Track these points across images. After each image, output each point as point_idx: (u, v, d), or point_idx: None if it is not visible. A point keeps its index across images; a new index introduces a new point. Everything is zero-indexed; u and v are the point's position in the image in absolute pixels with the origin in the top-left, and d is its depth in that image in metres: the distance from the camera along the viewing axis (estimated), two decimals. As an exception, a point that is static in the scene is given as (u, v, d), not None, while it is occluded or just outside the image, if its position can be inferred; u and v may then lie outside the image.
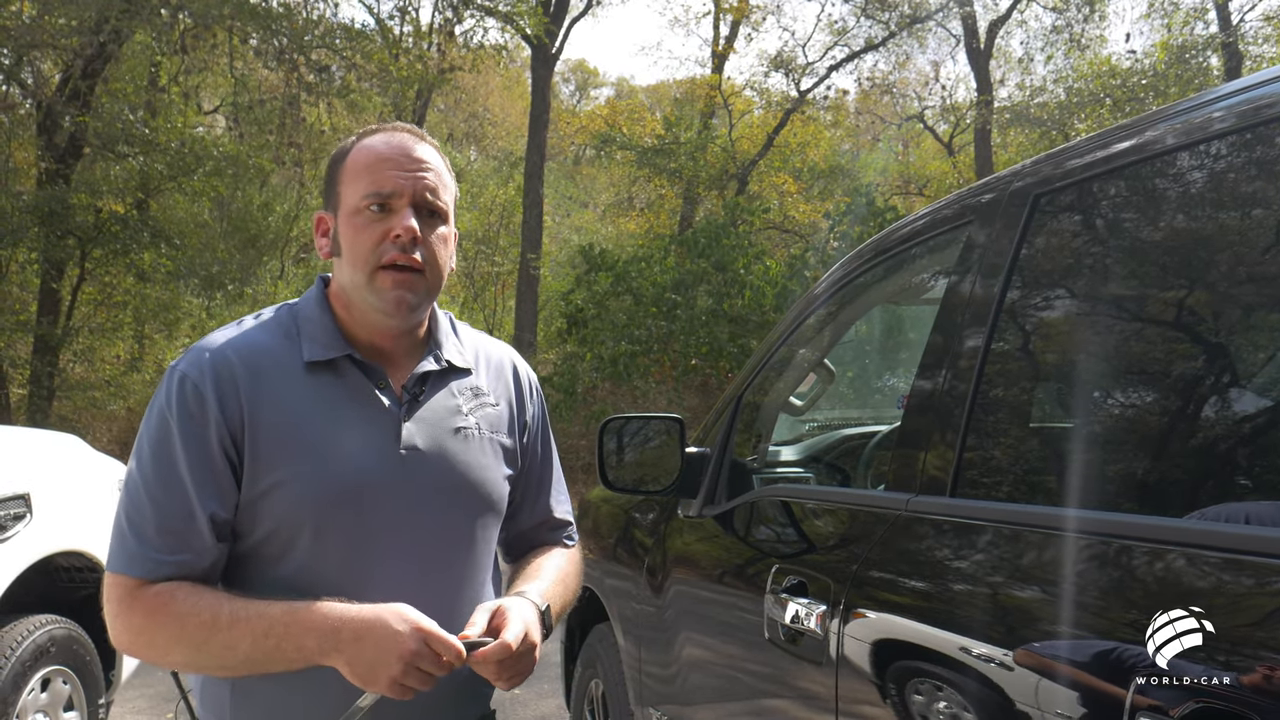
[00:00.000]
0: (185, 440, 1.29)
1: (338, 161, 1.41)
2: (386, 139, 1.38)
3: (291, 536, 1.32)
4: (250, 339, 1.37)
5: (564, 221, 26.29)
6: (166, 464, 1.29)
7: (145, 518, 1.29)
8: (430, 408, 1.41)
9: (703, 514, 2.40)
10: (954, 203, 1.84)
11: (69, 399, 14.11)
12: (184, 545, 1.29)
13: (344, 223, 1.36)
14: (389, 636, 1.21)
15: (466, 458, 1.42)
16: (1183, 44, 17.07)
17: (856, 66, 21.93)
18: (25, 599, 3.15)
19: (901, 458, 1.68)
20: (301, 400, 1.33)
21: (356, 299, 1.37)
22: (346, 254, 1.36)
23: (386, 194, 1.34)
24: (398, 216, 1.34)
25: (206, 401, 1.29)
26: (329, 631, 1.23)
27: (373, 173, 1.35)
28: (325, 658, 1.23)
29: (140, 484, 1.30)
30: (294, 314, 1.41)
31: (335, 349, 1.37)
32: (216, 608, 1.25)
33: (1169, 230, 1.35)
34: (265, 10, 12.19)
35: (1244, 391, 1.20)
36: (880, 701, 1.48)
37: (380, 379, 1.39)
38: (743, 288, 12.82)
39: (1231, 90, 1.28)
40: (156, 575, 1.28)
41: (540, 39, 16.28)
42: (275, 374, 1.34)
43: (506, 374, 1.56)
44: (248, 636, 1.23)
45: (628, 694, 2.72)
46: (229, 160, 13.63)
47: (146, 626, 1.28)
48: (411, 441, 1.37)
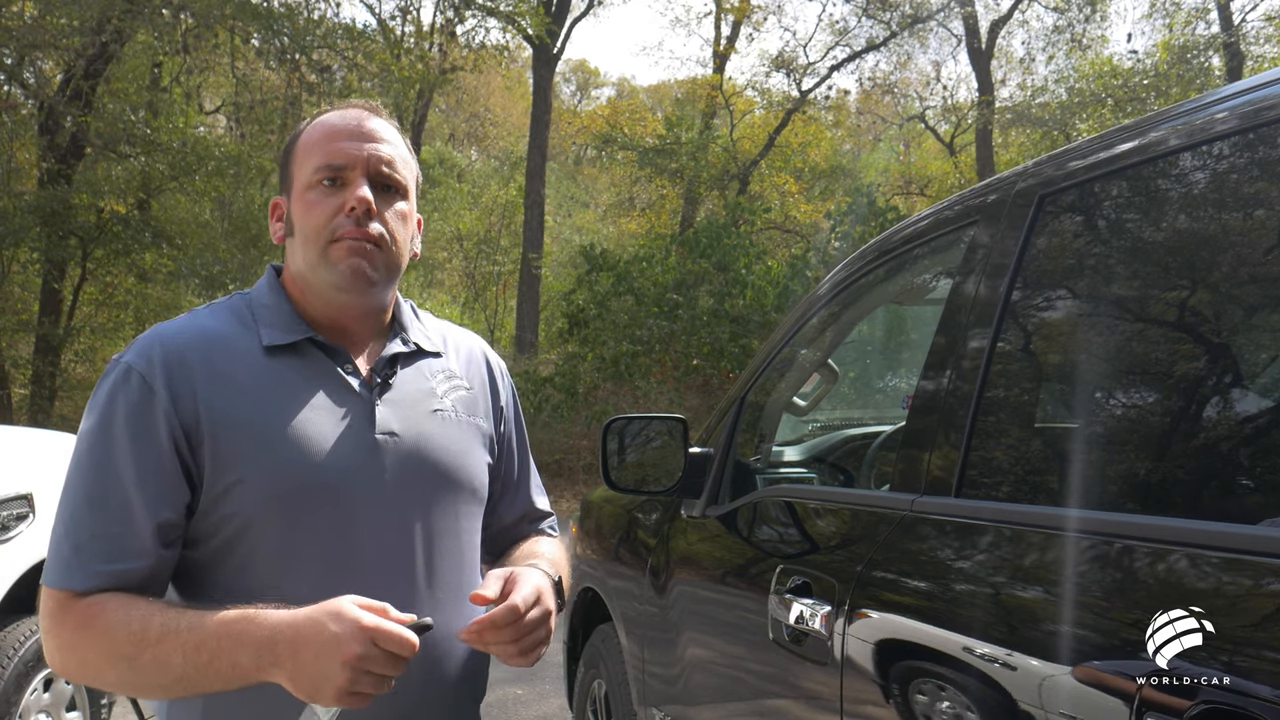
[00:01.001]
0: (129, 437, 1.17)
1: (291, 144, 1.34)
2: (340, 114, 1.32)
3: (261, 536, 1.20)
4: (202, 327, 1.27)
5: (565, 222, 26.31)
6: (105, 464, 1.18)
7: (80, 524, 1.17)
8: (403, 390, 1.33)
9: (706, 514, 2.40)
10: (957, 203, 1.84)
11: (71, 399, 14.13)
12: (121, 553, 1.16)
13: (296, 201, 1.29)
14: (328, 642, 1.05)
15: (445, 441, 1.34)
16: (1184, 44, 17.07)
17: (858, 66, 21.99)
18: (28, 599, 3.15)
19: (906, 458, 1.68)
20: (263, 388, 1.23)
21: (313, 279, 1.28)
22: (299, 232, 1.28)
23: (339, 166, 1.26)
24: (351, 189, 1.26)
25: (155, 394, 1.18)
26: (263, 644, 1.08)
27: (324, 146, 1.28)
28: (263, 674, 1.09)
29: (76, 488, 1.19)
30: (248, 301, 1.32)
31: (296, 332, 1.28)
32: (147, 619, 1.12)
33: (1174, 231, 1.34)
34: (267, 10, 12.21)
35: (1250, 392, 1.20)
36: (885, 702, 1.47)
37: (346, 362, 1.30)
38: (744, 288, 12.83)
39: (1237, 90, 1.28)
40: (89, 586, 1.15)
41: (541, 39, 16.30)
42: (232, 362, 1.24)
43: (478, 360, 1.49)
44: (179, 651, 1.09)
45: (631, 694, 2.72)
46: (230, 160, 13.66)
47: (77, 642, 1.15)
48: (388, 425, 1.28)
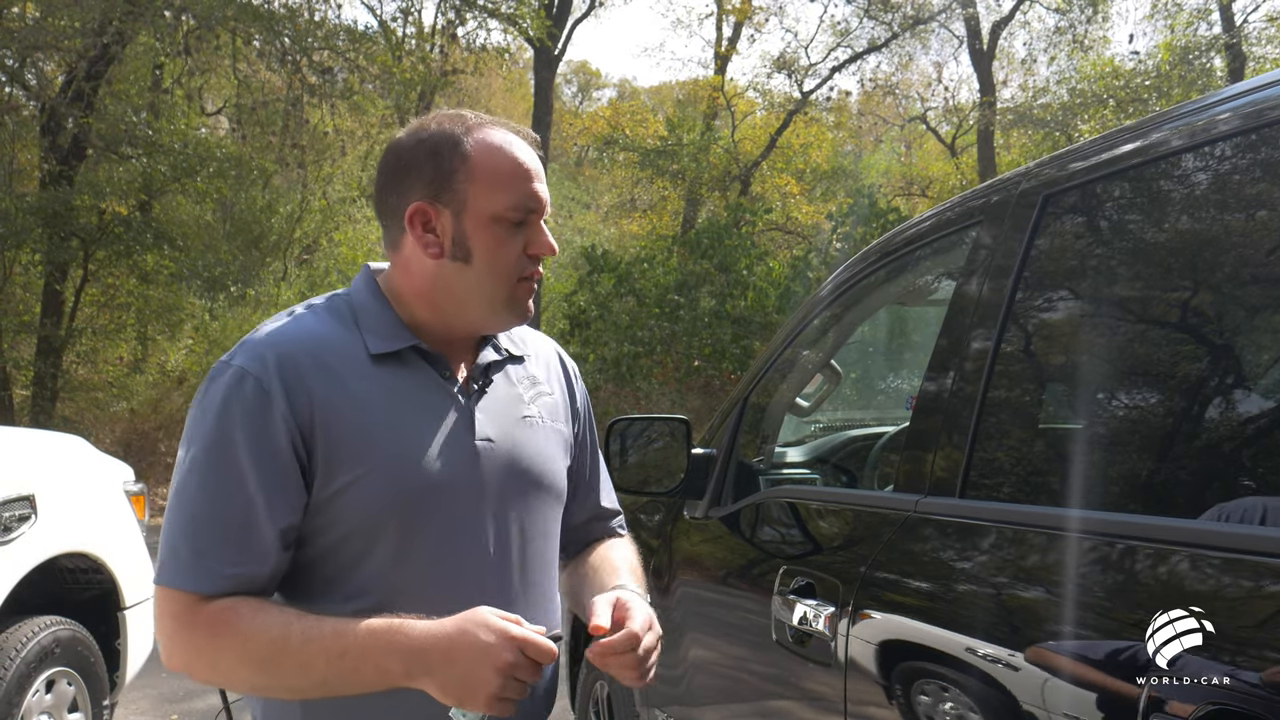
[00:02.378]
0: (250, 441, 1.20)
1: (453, 154, 1.30)
2: (519, 145, 1.33)
3: (372, 537, 1.25)
4: (310, 330, 1.29)
5: (567, 223, 26.31)
6: (227, 468, 1.20)
7: (202, 527, 1.20)
8: (496, 397, 1.37)
9: (709, 515, 2.40)
10: (960, 204, 1.84)
11: (72, 400, 14.13)
12: (246, 555, 1.20)
13: (481, 228, 1.29)
14: (481, 651, 1.13)
15: (535, 446, 1.39)
16: (1186, 45, 17.07)
17: (859, 68, 21.98)
18: (30, 600, 3.15)
19: (910, 459, 1.68)
20: (372, 393, 1.27)
21: (481, 308, 1.32)
22: (487, 264, 1.30)
23: (534, 210, 1.31)
24: (538, 232, 1.32)
25: (273, 398, 1.21)
26: (415, 653, 1.15)
27: (521, 185, 1.30)
28: (412, 680, 1.16)
29: (195, 490, 1.21)
30: (349, 303, 1.34)
31: (400, 339, 1.31)
32: (286, 626, 1.17)
33: (1177, 232, 1.34)
34: (268, 12, 12.22)
35: (1253, 393, 1.20)
36: (888, 703, 1.47)
37: (445, 369, 1.34)
38: (746, 289, 12.84)
39: (1239, 91, 1.28)
40: (217, 589, 1.19)
41: (543, 41, 16.30)
42: (341, 367, 1.27)
43: (555, 364, 1.53)
44: (322, 657, 1.15)
45: (633, 695, 2.72)
46: (232, 162, 13.66)
47: (208, 647, 1.19)
48: (485, 432, 1.33)
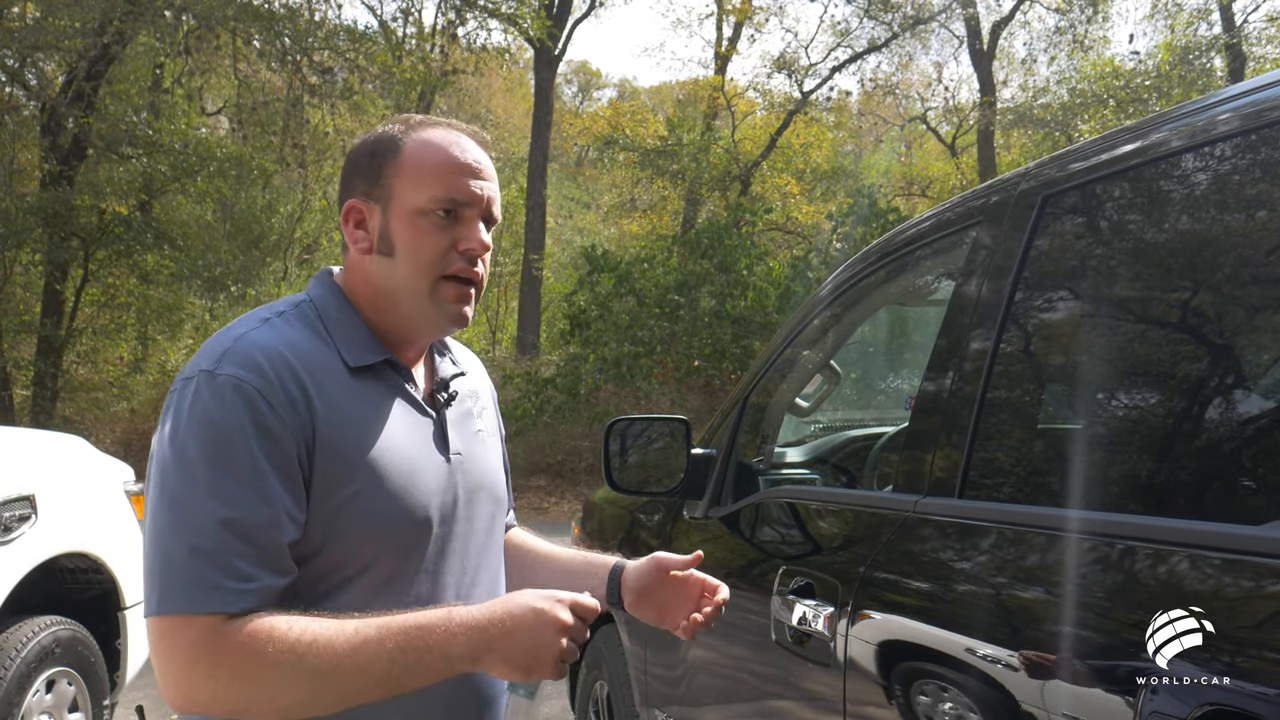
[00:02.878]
0: (255, 452, 1.14)
1: (387, 151, 1.29)
2: (455, 140, 1.29)
3: (376, 553, 1.21)
4: (291, 339, 1.23)
5: (567, 223, 26.33)
6: (236, 478, 1.13)
7: (213, 543, 1.11)
8: (457, 411, 1.38)
9: (709, 515, 2.40)
10: (960, 205, 1.84)
11: (72, 400, 14.15)
12: (264, 569, 1.13)
13: (403, 222, 1.26)
14: (538, 617, 1.16)
15: (489, 460, 1.42)
16: (1186, 45, 17.07)
17: (859, 68, 21.99)
18: (30, 600, 3.15)
19: (909, 459, 1.68)
20: (357, 407, 1.24)
21: (408, 304, 1.28)
22: (407, 257, 1.26)
23: (461, 202, 1.26)
24: (468, 228, 1.27)
25: (277, 409, 1.16)
26: (476, 632, 1.14)
27: (447, 177, 1.26)
28: (477, 662, 1.15)
29: (199, 506, 1.13)
30: (316, 311, 1.29)
31: (376, 353, 1.28)
32: (333, 630, 1.11)
33: (1177, 232, 1.34)
34: (268, 12, 12.22)
35: (1252, 393, 1.20)
36: (888, 704, 1.48)
37: (411, 381, 1.32)
38: (746, 289, 12.84)
39: (1239, 92, 1.28)
40: (242, 607, 1.10)
41: (543, 41, 16.31)
42: (326, 378, 1.23)
43: (483, 376, 1.54)
44: (381, 657, 1.11)
45: (633, 695, 2.72)
46: (232, 161, 13.67)
47: (244, 668, 1.10)
48: (457, 446, 1.34)
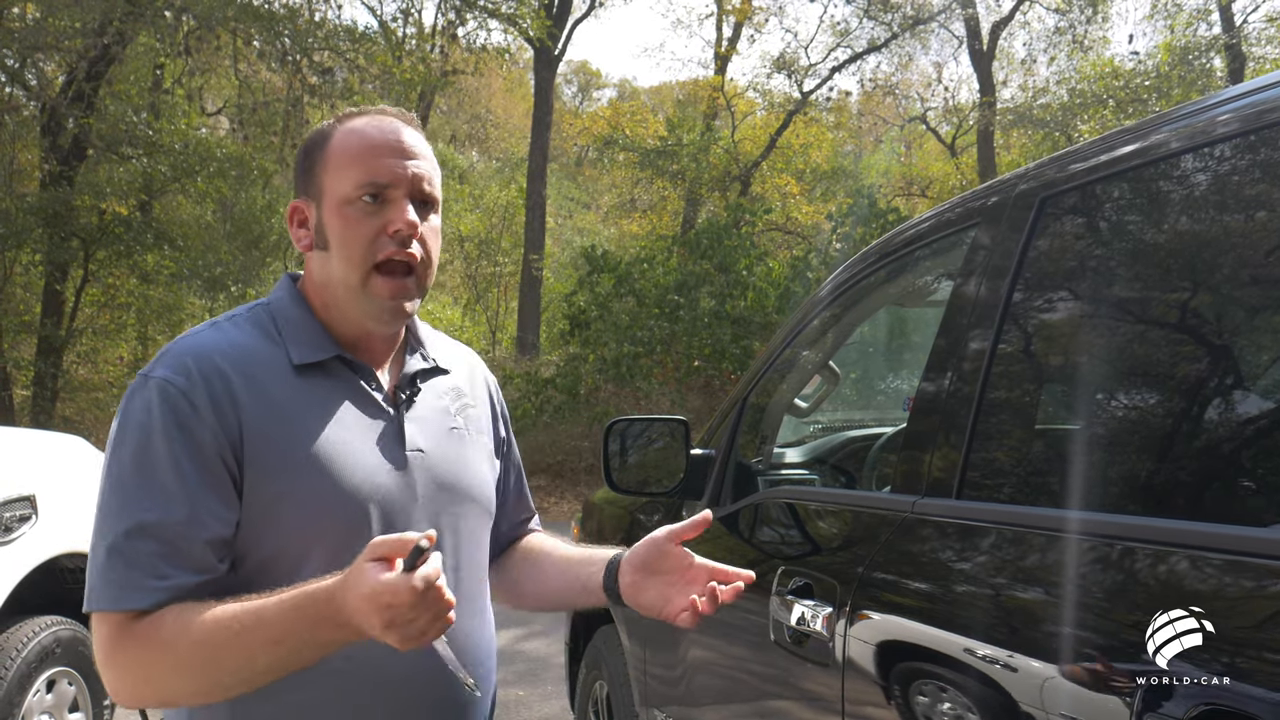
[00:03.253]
0: (177, 453, 1.16)
1: (317, 146, 1.29)
2: (375, 124, 1.28)
3: (304, 552, 1.20)
4: (232, 340, 1.25)
5: (566, 223, 26.33)
6: (156, 480, 1.15)
7: (134, 542, 1.14)
8: (425, 407, 1.34)
9: (707, 516, 2.40)
10: (959, 205, 1.85)
11: (72, 400, 14.16)
12: (179, 567, 1.14)
13: (333, 214, 1.25)
14: (353, 578, 1.05)
15: (463, 459, 1.36)
16: (1186, 45, 17.07)
17: (859, 68, 21.99)
18: (31, 600, 3.16)
19: (907, 460, 1.69)
20: (297, 405, 1.23)
21: (345, 299, 1.27)
22: (337, 248, 1.25)
23: (383, 184, 1.24)
24: (395, 208, 1.24)
25: (198, 407, 1.17)
26: (326, 589, 1.08)
27: (366, 161, 1.24)
28: (339, 625, 1.07)
29: (124, 506, 1.15)
30: (271, 314, 1.30)
31: (325, 349, 1.27)
32: (215, 620, 1.11)
33: (1175, 233, 1.35)
34: (269, 12, 12.22)
35: (1250, 394, 1.20)
36: (886, 704, 1.48)
37: (370, 378, 1.30)
38: (745, 289, 12.84)
39: (1238, 93, 1.28)
40: (150, 603, 1.13)
41: (543, 41, 16.32)
42: (266, 378, 1.23)
43: (476, 375, 1.50)
44: (261, 648, 1.09)
45: (633, 695, 2.72)
46: (232, 162, 13.67)
47: (141, 660, 1.13)
48: (416, 443, 1.30)
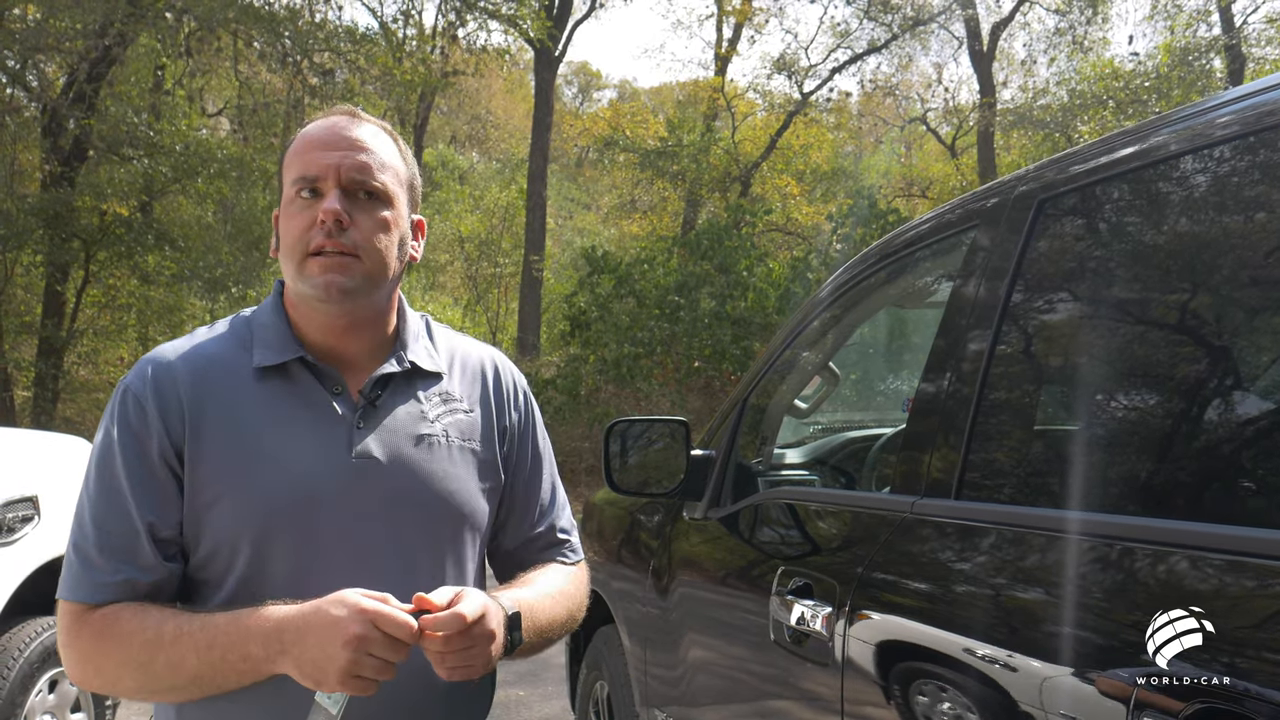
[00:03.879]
0: (125, 454, 1.23)
1: (282, 155, 1.34)
2: (321, 123, 1.31)
3: (233, 552, 1.24)
4: (198, 348, 1.30)
5: (566, 224, 26.34)
6: (108, 480, 1.23)
7: (88, 539, 1.22)
8: (390, 413, 1.31)
9: (708, 516, 2.41)
10: (958, 207, 1.85)
11: (73, 401, 14.15)
12: (126, 564, 1.21)
13: (283, 213, 1.30)
14: (330, 625, 1.10)
15: (430, 467, 1.32)
16: (1186, 46, 17.07)
17: (859, 69, 21.99)
18: (33, 600, 3.17)
19: (906, 460, 1.69)
20: (248, 408, 1.26)
21: (296, 293, 1.30)
22: (283, 246, 1.29)
23: (312, 177, 1.26)
24: (323, 200, 1.26)
25: (148, 413, 1.23)
26: (271, 633, 1.13)
27: (301, 156, 1.28)
28: (273, 664, 1.14)
29: (85, 505, 1.24)
30: (249, 321, 1.34)
31: (286, 352, 1.29)
32: (160, 624, 1.17)
33: (1174, 235, 1.35)
34: (269, 14, 12.23)
35: (1249, 395, 1.21)
36: (885, 704, 1.48)
37: (336, 383, 1.30)
38: (745, 290, 12.83)
39: (1238, 95, 1.29)
40: (102, 598, 1.21)
41: (543, 42, 16.33)
42: (222, 382, 1.27)
43: (486, 378, 1.45)
44: (192, 651, 1.15)
45: (633, 695, 2.73)
46: (233, 163, 13.66)
47: (93, 652, 1.20)
48: (365, 449, 1.28)
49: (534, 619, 1.29)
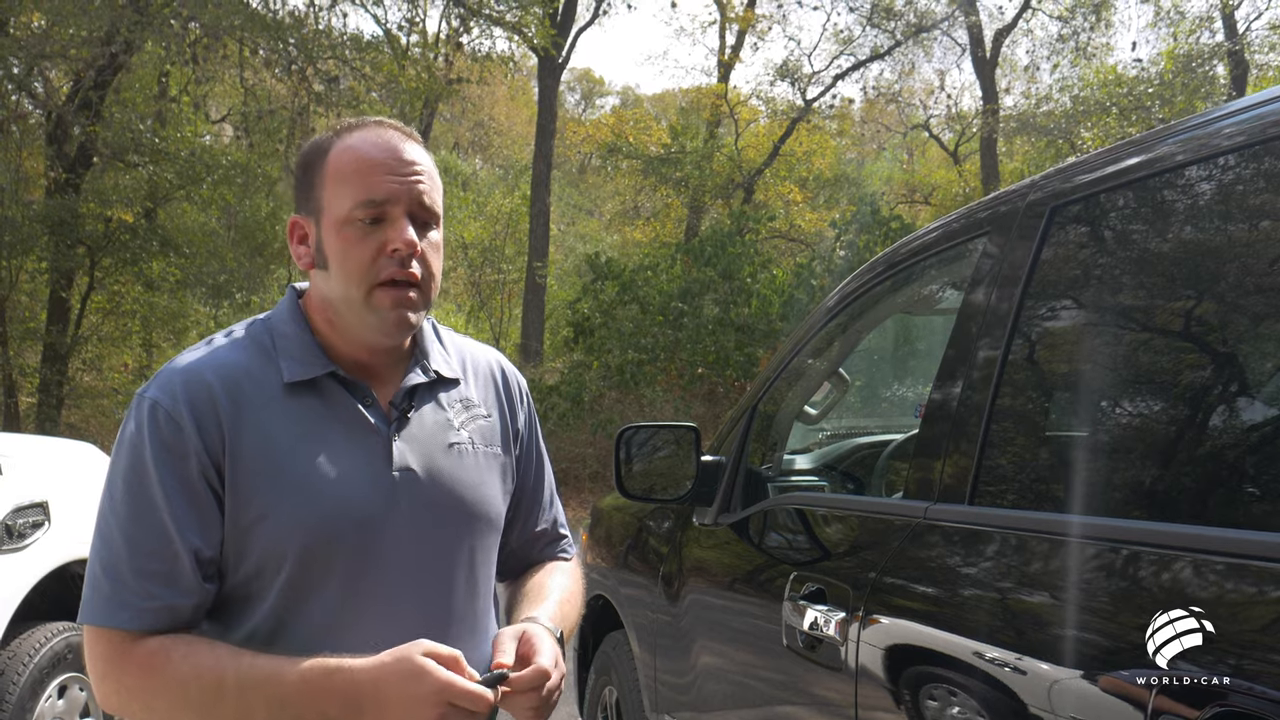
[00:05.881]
0: (162, 473, 1.18)
1: (315, 161, 1.27)
2: (372, 138, 1.25)
3: (277, 572, 1.21)
4: (224, 359, 1.25)
5: (570, 230, 26.34)
6: (143, 500, 1.18)
7: (123, 561, 1.17)
8: (421, 424, 1.31)
9: (718, 521, 2.41)
10: (966, 216, 1.86)
11: (78, 407, 14.16)
12: (169, 588, 1.17)
13: (332, 233, 1.24)
14: (410, 700, 1.10)
15: (462, 475, 1.33)
16: (1189, 53, 17.09)
17: (862, 75, 22.00)
18: (43, 606, 3.17)
19: (919, 466, 1.70)
20: (284, 424, 1.23)
21: (349, 316, 1.26)
22: (337, 269, 1.24)
23: (380, 202, 1.22)
24: (394, 228, 1.22)
25: (184, 430, 1.19)
26: (349, 696, 1.12)
27: (364, 178, 1.22)
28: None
29: (115, 525, 1.19)
30: (269, 330, 1.30)
31: (316, 367, 1.26)
32: (219, 668, 1.14)
33: (1184, 244, 1.36)
34: (275, 21, 12.26)
35: (1257, 401, 1.21)
36: (898, 709, 1.49)
37: (366, 396, 1.29)
38: (749, 296, 12.84)
39: (1244, 105, 1.30)
40: (143, 624, 1.16)
41: (547, 49, 16.35)
42: (255, 397, 1.23)
43: (496, 381, 1.45)
44: (263, 705, 1.13)
45: (643, 701, 2.73)
46: (238, 169, 13.69)
47: (142, 689, 1.16)
48: (404, 462, 1.27)
49: (565, 631, 1.35)
